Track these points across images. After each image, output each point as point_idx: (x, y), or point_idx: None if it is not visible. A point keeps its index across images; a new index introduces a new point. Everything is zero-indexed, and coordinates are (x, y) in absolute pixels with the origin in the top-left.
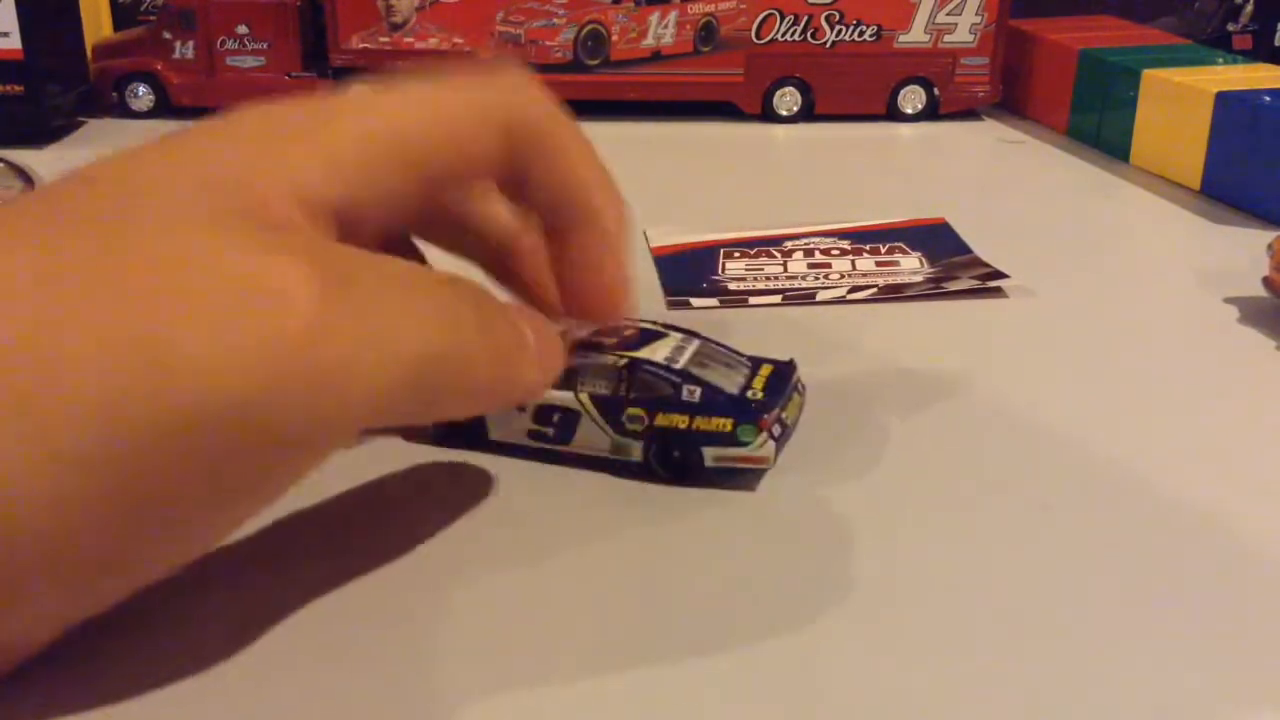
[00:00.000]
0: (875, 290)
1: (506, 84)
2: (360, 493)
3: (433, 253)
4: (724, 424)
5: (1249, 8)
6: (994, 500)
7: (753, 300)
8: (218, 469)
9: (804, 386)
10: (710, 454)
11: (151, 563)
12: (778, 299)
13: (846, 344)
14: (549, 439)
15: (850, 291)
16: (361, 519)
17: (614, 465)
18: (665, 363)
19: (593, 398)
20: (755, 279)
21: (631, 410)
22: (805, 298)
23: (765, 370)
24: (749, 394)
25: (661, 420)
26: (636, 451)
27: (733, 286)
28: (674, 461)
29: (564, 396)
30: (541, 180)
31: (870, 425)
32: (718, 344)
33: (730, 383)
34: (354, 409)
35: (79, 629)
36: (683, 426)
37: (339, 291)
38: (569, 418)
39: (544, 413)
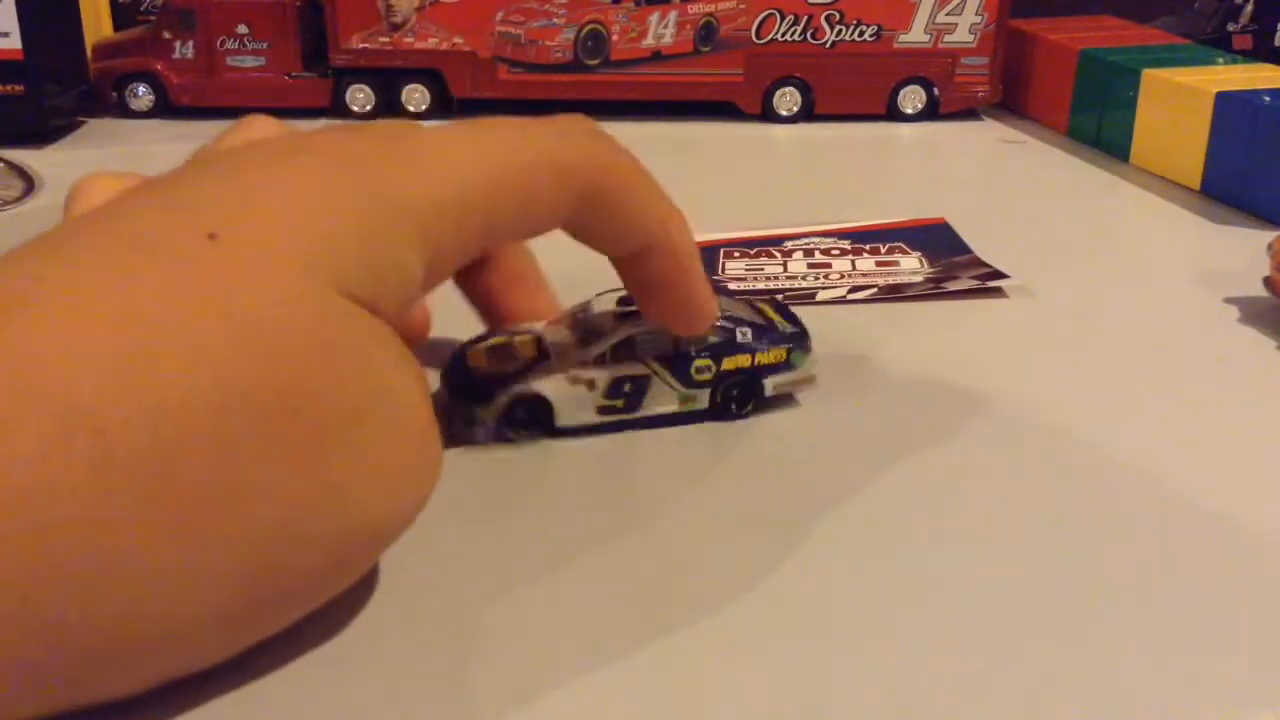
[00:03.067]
0: (875, 290)
1: (577, 138)
2: None
3: None
4: (780, 354)
5: (1249, 8)
6: (991, 500)
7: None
8: (340, 570)
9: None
10: (770, 384)
11: (243, 643)
12: (778, 299)
13: (846, 344)
14: (620, 410)
15: (850, 291)
16: None
17: (677, 419)
18: None
19: (658, 359)
20: (755, 279)
21: (699, 362)
22: (805, 298)
23: (764, 305)
24: (780, 326)
25: (728, 364)
26: (704, 399)
27: (733, 286)
28: (738, 398)
29: (632, 366)
30: (611, 228)
31: (869, 425)
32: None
33: (757, 318)
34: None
35: None
36: (746, 365)
37: (435, 420)
38: (639, 384)
39: (615, 386)
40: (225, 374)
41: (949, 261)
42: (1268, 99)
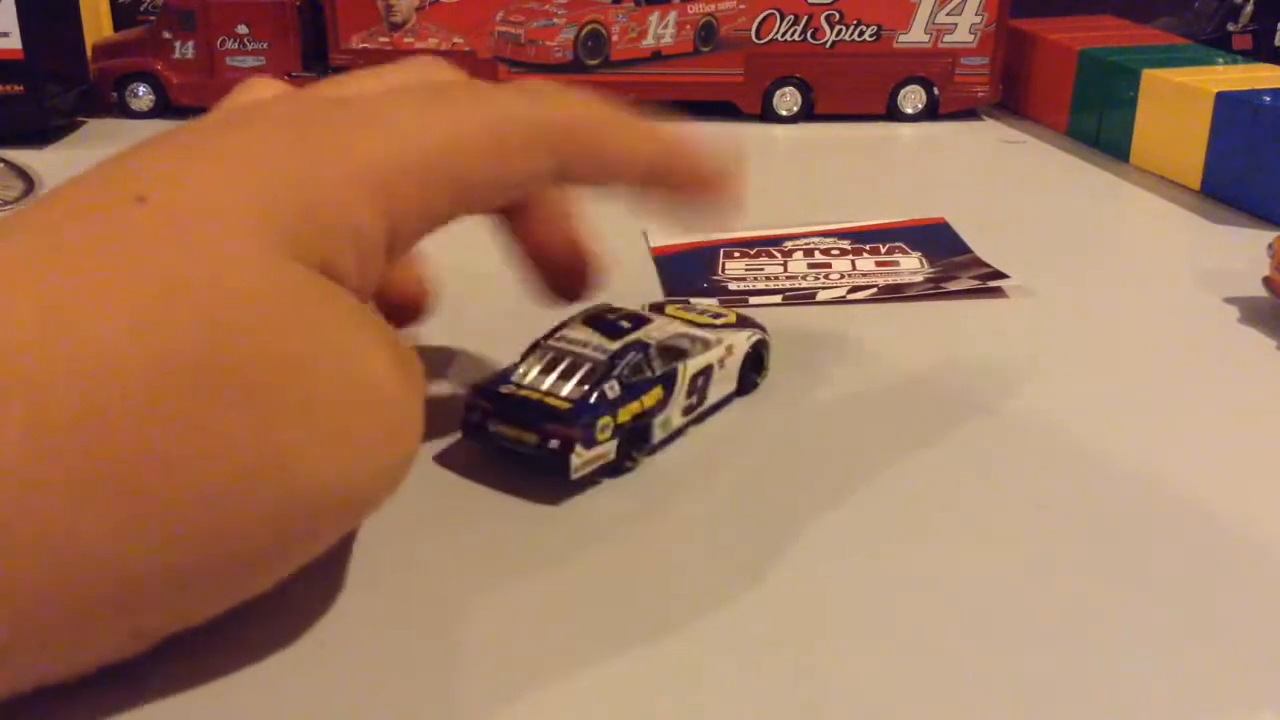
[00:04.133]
0: (875, 290)
1: (542, 95)
2: None
3: None
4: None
5: (1249, 8)
6: (991, 500)
7: (753, 300)
8: (302, 537)
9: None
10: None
11: (207, 609)
12: (778, 299)
13: (846, 344)
14: (696, 405)
15: (850, 291)
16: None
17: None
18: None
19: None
20: (755, 279)
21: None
22: (805, 298)
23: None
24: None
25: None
26: (733, 379)
27: (733, 286)
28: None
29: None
30: (603, 171)
31: (869, 425)
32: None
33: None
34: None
35: None
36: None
37: (414, 390)
38: (705, 373)
39: (691, 382)
40: (155, 333)
41: (949, 261)
42: (1268, 99)
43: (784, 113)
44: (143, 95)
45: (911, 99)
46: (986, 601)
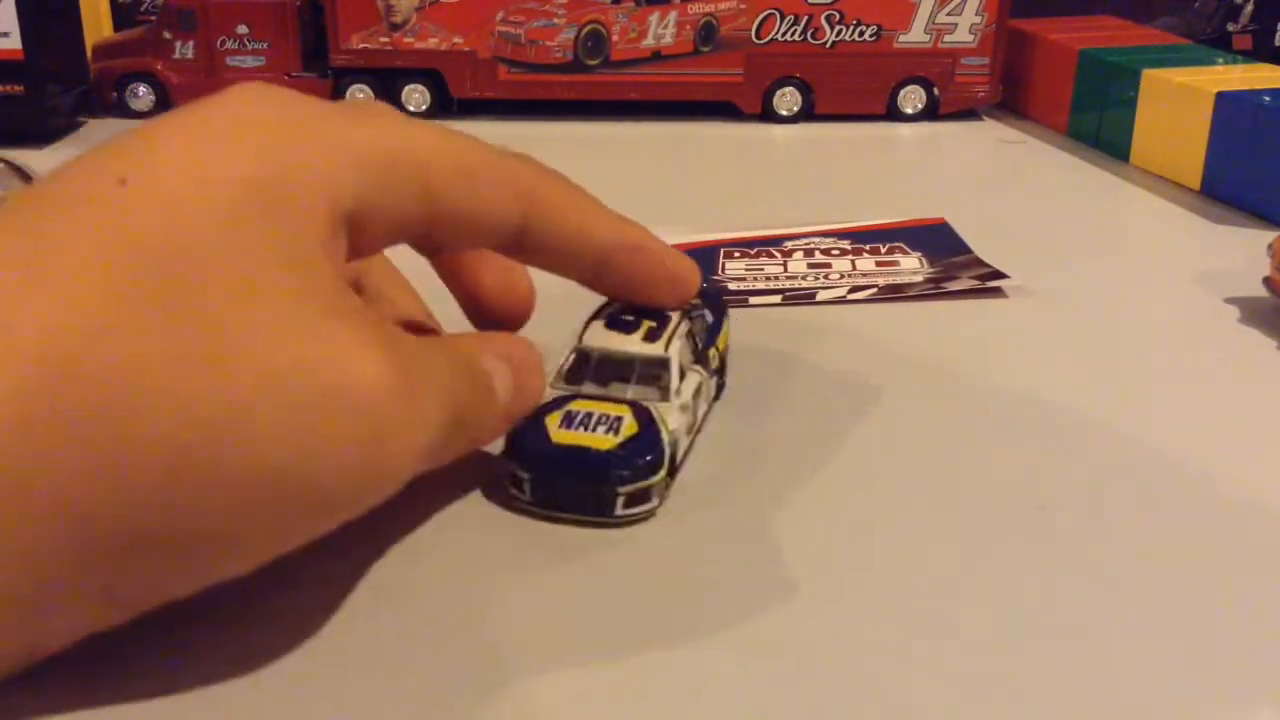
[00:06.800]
0: (875, 290)
1: (523, 160)
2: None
3: None
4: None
5: (1249, 8)
6: (991, 500)
7: (753, 300)
8: (257, 522)
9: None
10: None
11: (179, 579)
12: (778, 299)
13: (846, 344)
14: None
15: (850, 291)
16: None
17: None
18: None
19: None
20: (755, 279)
21: (710, 351)
22: (805, 298)
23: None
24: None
25: (721, 344)
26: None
27: (733, 286)
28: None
29: (689, 380)
30: (565, 242)
31: (869, 425)
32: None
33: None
34: (396, 486)
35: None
36: (724, 344)
37: (402, 384)
38: (696, 390)
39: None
40: (119, 290)
41: (949, 261)
42: (1268, 99)
43: (784, 113)
44: (143, 95)
45: (911, 99)
46: (987, 602)
